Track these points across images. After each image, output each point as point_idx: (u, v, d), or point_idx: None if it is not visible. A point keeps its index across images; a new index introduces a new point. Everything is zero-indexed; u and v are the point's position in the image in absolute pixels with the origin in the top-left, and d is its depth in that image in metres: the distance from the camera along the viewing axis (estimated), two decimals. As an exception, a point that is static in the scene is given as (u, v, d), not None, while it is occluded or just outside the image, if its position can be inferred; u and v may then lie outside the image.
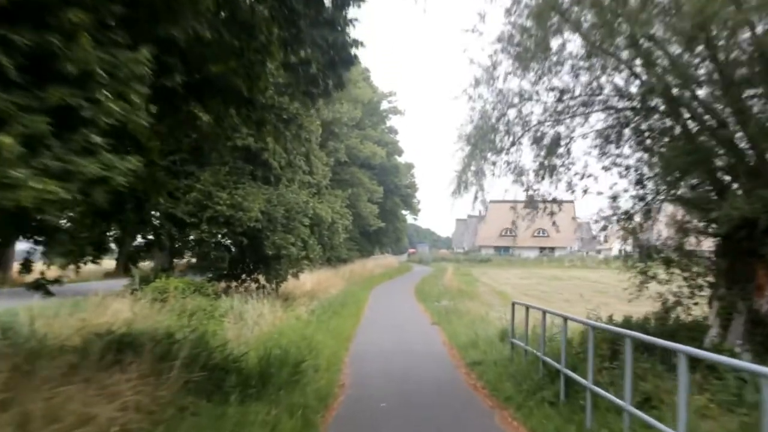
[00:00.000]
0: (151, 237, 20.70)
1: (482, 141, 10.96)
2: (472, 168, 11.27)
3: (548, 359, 8.83)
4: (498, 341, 12.81)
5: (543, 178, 10.42)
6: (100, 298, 14.63)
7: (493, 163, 11.11)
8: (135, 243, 20.53)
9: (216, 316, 13.82)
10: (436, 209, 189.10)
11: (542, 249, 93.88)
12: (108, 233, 8.89)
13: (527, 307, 10.66)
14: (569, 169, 10.42)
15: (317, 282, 25.95)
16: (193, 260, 21.83)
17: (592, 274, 56.11)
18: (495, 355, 11.60)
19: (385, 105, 50.83)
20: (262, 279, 22.26)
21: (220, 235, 19.22)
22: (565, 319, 8.61)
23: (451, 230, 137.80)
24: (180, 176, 20.15)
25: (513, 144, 10.90)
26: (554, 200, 11.23)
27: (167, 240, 20.91)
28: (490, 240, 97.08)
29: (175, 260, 22.43)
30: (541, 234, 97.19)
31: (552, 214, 11.33)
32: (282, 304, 19.77)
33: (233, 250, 21.26)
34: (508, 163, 11.06)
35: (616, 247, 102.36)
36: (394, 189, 54.10)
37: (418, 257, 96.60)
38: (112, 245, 9.66)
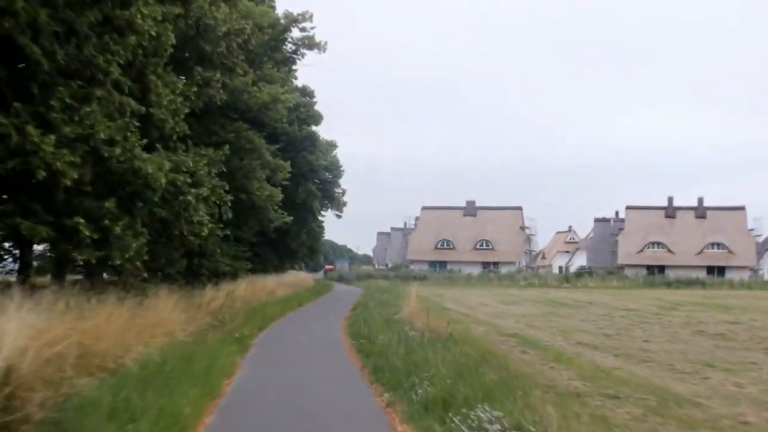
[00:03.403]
0: None
1: None
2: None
3: None
4: None
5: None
6: None
7: None
8: None
9: None
10: (353, 222, 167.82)
11: (485, 264, 78.64)
12: None
13: None
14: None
15: (73, 332, 8.08)
16: None
17: (584, 295, 40.93)
18: None
19: (296, 34, 33.18)
20: None
21: None
22: None
23: (371, 246, 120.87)
24: None
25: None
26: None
27: None
28: (423, 254, 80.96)
29: None
30: (484, 246, 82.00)
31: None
32: None
33: None
34: None
35: (556, 264, 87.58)
36: (308, 172, 36.30)
37: (337, 274, 79.22)
38: None
